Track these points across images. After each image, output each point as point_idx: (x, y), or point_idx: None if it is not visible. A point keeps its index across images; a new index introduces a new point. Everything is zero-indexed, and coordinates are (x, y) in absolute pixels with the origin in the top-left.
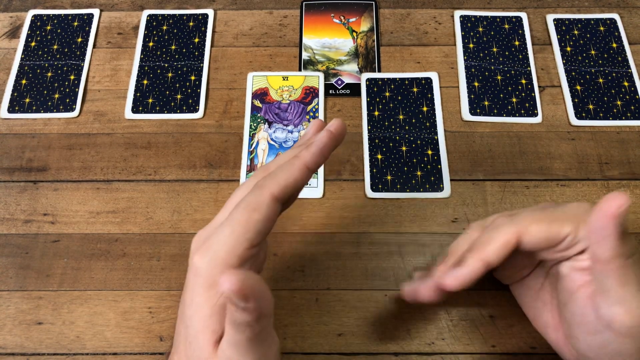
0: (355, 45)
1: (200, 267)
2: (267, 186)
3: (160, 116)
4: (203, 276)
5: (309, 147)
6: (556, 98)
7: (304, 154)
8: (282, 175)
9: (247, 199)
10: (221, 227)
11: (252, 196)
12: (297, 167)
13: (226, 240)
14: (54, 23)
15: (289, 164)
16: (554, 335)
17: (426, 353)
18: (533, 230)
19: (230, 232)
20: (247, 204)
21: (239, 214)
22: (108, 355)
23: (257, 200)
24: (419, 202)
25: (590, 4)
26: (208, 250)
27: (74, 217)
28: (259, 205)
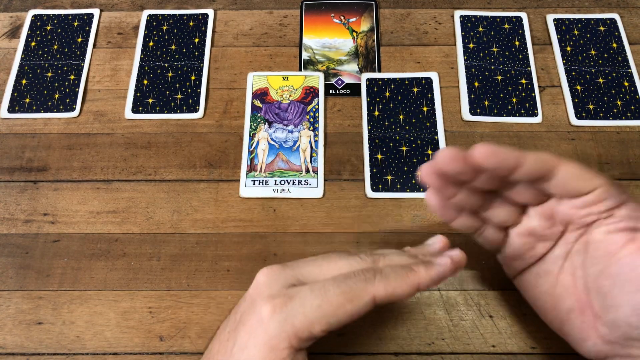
0: (355, 45)
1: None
2: (375, 286)
3: (161, 116)
4: (270, 334)
5: (430, 269)
6: (556, 98)
7: (422, 273)
8: (393, 283)
9: (351, 284)
10: (311, 294)
11: (357, 286)
12: (409, 284)
13: (309, 312)
14: (54, 23)
15: (404, 275)
16: (579, 320)
17: (426, 353)
18: (569, 166)
19: (317, 306)
20: (349, 291)
21: (335, 294)
22: (108, 355)
23: (359, 294)
24: (419, 202)
25: (590, 4)
26: (285, 309)
27: (74, 217)
28: (357, 300)
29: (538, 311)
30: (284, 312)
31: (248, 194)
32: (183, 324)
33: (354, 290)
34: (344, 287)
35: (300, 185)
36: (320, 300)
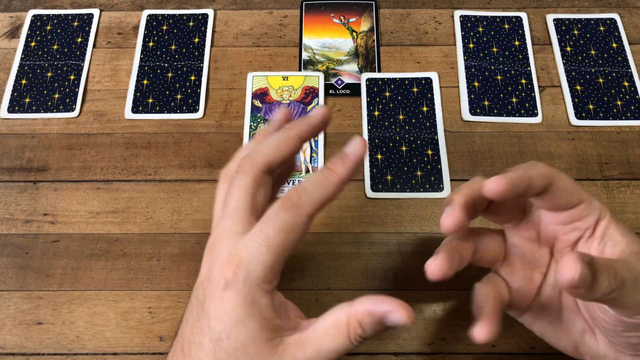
0: (355, 45)
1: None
2: (305, 206)
3: (160, 116)
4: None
5: (345, 161)
6: (556, 98)
7: (341, 169)
8: (318, 194)
9: (283, 217)
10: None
11: (289, 216)
12: (334, 185)
13: (263, 259)
14: (54, 23)
15: (325, 180)
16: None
17: (426, 353)
18: (563, 178)
19: (267, 251)
20: (284, 224)
21: (274, 233)
22: (108, 355)
23: (295, 221)
24: (419, 202)
25: (590, 4)
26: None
27: (74, 217)
28: (296, 227)
29: (551, 342)
30: (243, 269)
31: None
32: None
33: (289, 223)
34: (279, 224)
35: None
36: (266, 245)
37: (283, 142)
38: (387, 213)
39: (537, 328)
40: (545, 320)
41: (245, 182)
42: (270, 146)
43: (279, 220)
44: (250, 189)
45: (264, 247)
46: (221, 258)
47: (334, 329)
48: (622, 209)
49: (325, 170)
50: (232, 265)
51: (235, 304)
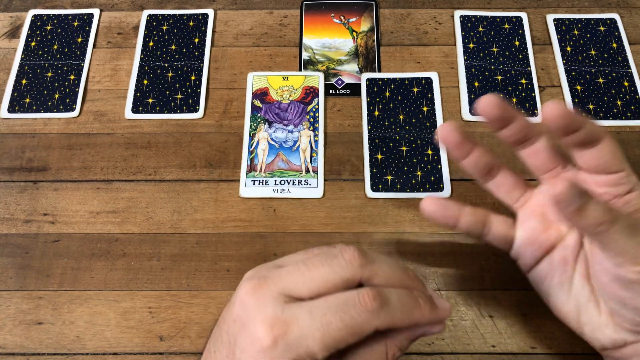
0: (355, 45)
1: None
2: (381, 319)
3: (160, 116)
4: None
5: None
6: (556, 98)
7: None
8: (399, 316)
9: (354, 316)
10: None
11: (362, 319)
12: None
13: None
14: (54, 23)
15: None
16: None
17: (426, 353)
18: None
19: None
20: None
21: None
22: (108, 355)
23: (363, 327)
24: (419, 202)
25: (590, 4)
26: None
27: (74, 217)
28: (359, 332)
29: (552, 303)
30: (286, 342)
31: (248, 194)
32: (183, 324)
33: (357, 324)
34: (347, 320)
35: (300, 185)
36: (323, 333)
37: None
38: (387, 213)
39: (546, 287)
40: (556, 280)
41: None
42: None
43: (349, 316)
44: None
45: (319, 333)
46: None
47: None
48: None
49: (414, 299)
50: (275, 331)
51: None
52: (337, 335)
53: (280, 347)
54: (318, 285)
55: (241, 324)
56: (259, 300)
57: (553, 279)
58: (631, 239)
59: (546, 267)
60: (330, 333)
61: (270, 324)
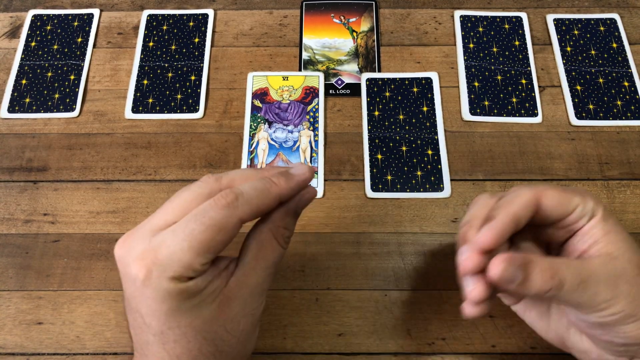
0: (355, 45)
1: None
2: (239, 209)
3: (161, 116)
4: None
5: (289, 179)
6: (556, 98)
7: (282, 184)
8: (256, 201)
9: (213, 215)
10: (176, 238)
11: (221, 215)
12: (272, 196)
13: (181, 255)
14: (54, 23)
15: (266, 190)
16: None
17: (426, 353)
18: (549, 194)
19: (187, 246)
20: (213, 224)
21: (201, 231)
22: (108, 355)
23: (225, 221)
24: (419, 202)
25: (590, 4)
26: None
27: (74, 217)
28: (225, 227)
29: (540, 333)
30: (158, 265)
31: None
32: None
33: (219, 221)
34: (207, 221)
35: None
36: (189, 241)
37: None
38: (387, 213)
39: (527, 319)
40: (534, 313)
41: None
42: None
43: (208, 217)
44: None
45: (186, 242)
46: (134, 253)
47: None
48: (622, 209)
49: (267, 181)
50: (146, 261)
51: (159, 299)
52: (203, 237)
53: (154, 272)
54: (182, 208)
55: (123, 276)
56: (129, 247)
57: (532, 313)
58: (584, 292)
59: (526, 303)
60: (195, 238)
61: (140, 258)
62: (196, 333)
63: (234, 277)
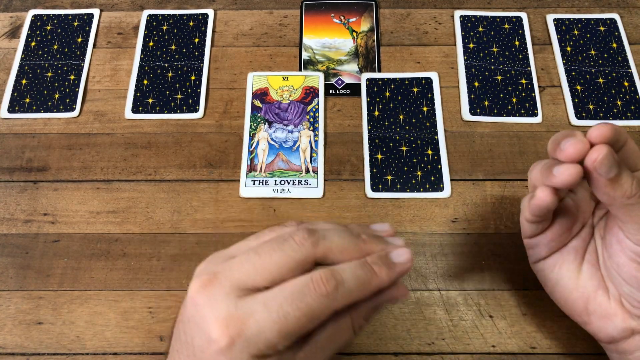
0: (355, 45)
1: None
2: (338, 301)
3: (161, 116)
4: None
5: (391, 270)
6: (556, 98)
7: (384, 277)
8: (355, 294)
9: (310, 302)
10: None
11: (318, 304)
12: (371, 289)
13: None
14: (54, 23)
15: (366, 282)
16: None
17: (426, 353)
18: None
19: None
20: (309, 311)
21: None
22: (108, 355)
23: (321, 312)
24: (419, 202)
25: (590, 4)
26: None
27: (74, 217)
28: (319, 317)
29: (560, 293)
30: (243, 339)
31: (248, 194)
32: None
33: (315, 310)
34: (304, 308)
35: (300, 185)
36: (280, 325)
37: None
38: (387, 213)
39: (554, 275)
40: (565, 268)
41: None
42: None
43: (305, 303)
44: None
45: (277, 325)
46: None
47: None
48: None
49: (369, 269)
50: (231, 330)
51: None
52: (296, 325)
53: (238, 345)
54: (272, 273)
55: (195, 325)
56: (210, 298)
57: (562, 268)
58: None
59: (557, 257)
60: (288, 323)
61: (225, 323)
62: None
63: (302, 352)
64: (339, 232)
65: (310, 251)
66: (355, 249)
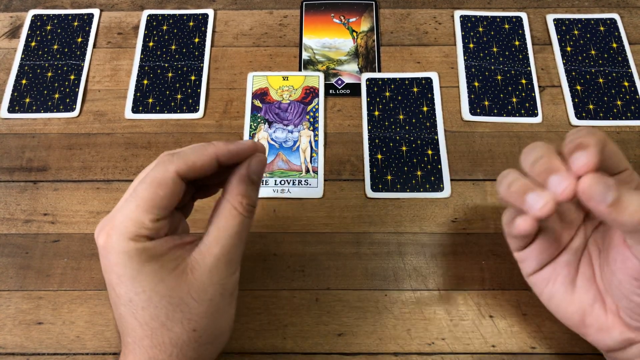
0: (355, 45)
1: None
2: (173, 163)
3: (161, 116)
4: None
5: (228, 143)
6: (556, 98)
7: (220, 145)
8: (190, 156)
9: (151, 174)
10: (125, 203)
11: (157, 172)
12: (207, 153)
13: (131, 215)
14: (54, 23)
15: (202, 148)
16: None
17: (426, 353)
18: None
19: (135, 206)
20: (152, 180)
21: (143, 189)
22: (108, 355)
23: (162, 176)
24: (419, 202)
25: (590, 4)
26: (113, 227)
27: (74, 217)
28: (164, 181)
29: (555, 306)
30: (115, 230)
31: None
32: None
33: (157, 177)
34: (148, 180)
35: (300, 185)
36: (135, 202)
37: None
38: (387, 213)
39: (548, 290)
40: (559, 283)
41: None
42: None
43: (149, 176)
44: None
45: (134, 203)
46: (98, 229)
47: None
48: None
49: (205, 143)
50: (106, 229)
51: (121, 263)
52: (147, 194)
53: (114, 236)
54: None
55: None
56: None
57: (556, 283)
58: None
59: (549, 272)
60: (140, 197)
61: (101, 228)
62: (161, 298)
63: (197, 248)
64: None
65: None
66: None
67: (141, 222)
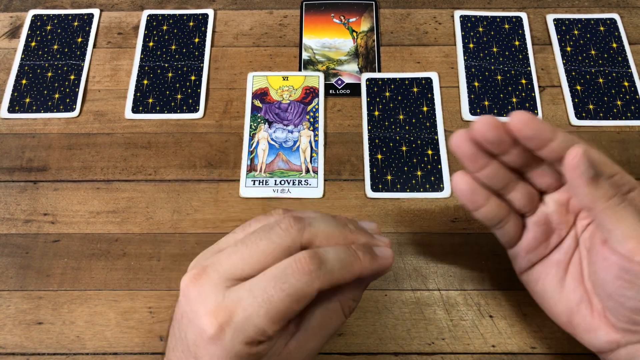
0: (355, 45)
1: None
2: (320, 280)
3: (161, 116)
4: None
5: (374, 261)
6: (556, 98)
7: (367, 264)
8: (337, 275)
9: (293, 282)
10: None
11: (301, 283)
12: (353, 272)
13: (257, 321)
14: (54, 23)
15: (349, 265)
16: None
17: (426, 353)
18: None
19: (264, 313)
20: (293, 291)
21: (280, 299)
22: (108, 355)
23: (305, 292)
24: (419, 202)
25: (590, 4)
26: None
27: (74, 217)
28: (304, 299)
29: (545, 305)
30: (232, 327)
31: (248, 194)
32: None
33: (298, 290)
34: (287, 289)
35: (300, 185)
36: (266, 308)
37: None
38: (387, 213)
39: (539, 288)
40: (548, 281)
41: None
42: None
43: (289, 284)
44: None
45: (263, 309)
46: (206, 305)
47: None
48: None
49: (352, 253)
50: (219, 319)
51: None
52: (281, 306)
53: (228, 333)
54: (259, 262)
55: (187, 319)
56: (200, 291)
57: (545, 281)
58: None
59: (539, 270)
60: (273, 306)
61: (214, 313)
62: None
63: (295, 340)
64: (325, 220)
65: (297, 237)
66: (341, 236)
67: (264, 332)
